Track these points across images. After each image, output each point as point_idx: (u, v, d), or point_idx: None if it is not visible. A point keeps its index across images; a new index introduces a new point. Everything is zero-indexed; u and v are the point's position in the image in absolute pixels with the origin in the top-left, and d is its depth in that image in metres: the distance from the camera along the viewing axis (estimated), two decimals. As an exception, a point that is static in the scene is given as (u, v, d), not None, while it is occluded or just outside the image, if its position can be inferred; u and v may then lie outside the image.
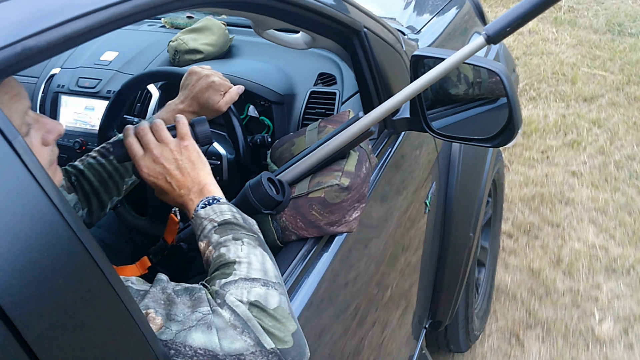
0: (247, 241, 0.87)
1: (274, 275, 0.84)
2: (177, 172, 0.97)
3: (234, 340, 0.74)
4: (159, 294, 0.78)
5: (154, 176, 0.98)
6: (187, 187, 0.96)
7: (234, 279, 0.80)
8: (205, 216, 0.92)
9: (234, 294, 0.78)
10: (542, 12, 0.99)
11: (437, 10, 2.32)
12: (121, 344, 0.63)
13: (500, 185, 2.41)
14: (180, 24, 2.07)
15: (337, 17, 1.24)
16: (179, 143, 1.00)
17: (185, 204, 0.97)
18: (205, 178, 0.98)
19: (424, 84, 1.09)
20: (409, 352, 1.73)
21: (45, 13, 0.63)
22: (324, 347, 1.05)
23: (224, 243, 0.87)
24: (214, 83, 1.27)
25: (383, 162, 1.38)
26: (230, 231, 0.89)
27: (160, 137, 1.00)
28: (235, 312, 0.76)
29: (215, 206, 0.93)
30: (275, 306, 0.79)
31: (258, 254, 0.86)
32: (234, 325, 0.75)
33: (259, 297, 0.78)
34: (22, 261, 0.53)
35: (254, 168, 1.49)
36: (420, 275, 1.67)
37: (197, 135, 1.08)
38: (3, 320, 0.51)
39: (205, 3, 1.00)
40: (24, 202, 0.55)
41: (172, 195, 0.98)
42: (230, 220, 0.90)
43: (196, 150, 1.01)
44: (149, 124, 1.02)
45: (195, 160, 0.99)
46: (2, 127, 0.55)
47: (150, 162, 0.98)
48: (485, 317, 2.41)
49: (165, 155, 0.98)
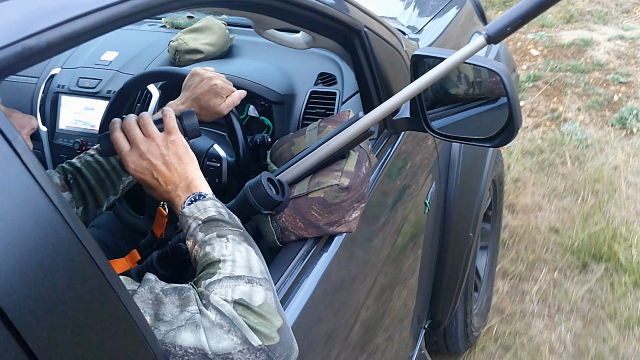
0: (232, 237, 0.87)
1: (259, 271, 0.84)
2: (163, 167, 0.96)
3: (220, 340, 0.75)
4: (147, 293, 0.78)
5: (140, 172, 0.97)
6: (174, 182, 0.96)
7: (218, 278, 0.80)
8: (190, 214, 0.91)
9: (218, 294, 0.78)
10: (542, 12, 0.99)
11: (437, 10, 2.32)
12: (121, 344, 0.63)
13: (500, 185, 2.41)
14: (180, 23, 2.07)
15: (338, 17, 1.24)
16: (166, 138, 0.98)
17: (173, 200, 0.96)
18: (192, 173, 0.97)
19: (424, 83, 1.09)
20: (408, 352, 1.73)
21: (45, 13, 0.63)
22: (324, 347, 1.05)
23: (209, 241, 0.86)
24: (216, 86, 1.27)
25: (383, 162, 1.38)
26: (215, 228, 0.88)
27: (147, 131, 0.98)
28: (220, 312, 0.76)
29: (200, 203, 0.92)
30: (261, 303, 0.79)
31: (243, 250, 0.85)
32: (220, 324, 0.75)
33: (244, 295, 0.78)
34: (22, 261, 0.53)
35: (254, 168, 1.49)
36: (419, 276, 1.67)
37: (185, 129, 1.06)
38: (3, 320, 0.51)
39: (205, 3, 1.00)
40: (24, 202, 0.55)
41: (159, 190, 0.97)
42: (215, 217, 0.90)
43: (184, 145, 0.99)
44: (135, 118, 1.00)
45: (182, 155, 0.98)
46: (2, 127, 0.55)
47: (137, 158, 0.97)
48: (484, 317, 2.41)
49: (152, 151, 0.97)
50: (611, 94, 4.15)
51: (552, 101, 4.11)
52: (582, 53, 4.77)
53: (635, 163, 3.41)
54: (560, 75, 4.40)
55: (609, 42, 4.95)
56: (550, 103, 4.09)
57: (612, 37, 5.01)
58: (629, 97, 4.15)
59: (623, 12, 5.59)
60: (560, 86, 4.27)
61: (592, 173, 3.28)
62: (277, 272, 1.01)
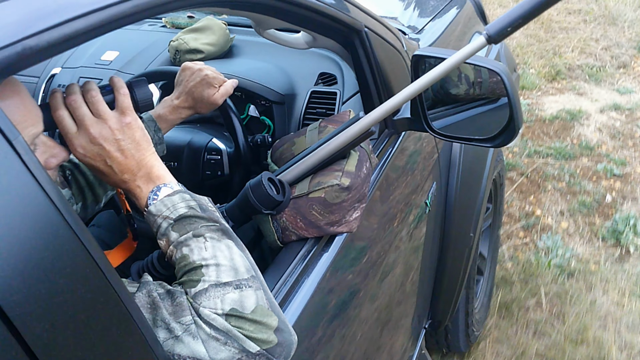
0: (210, 235, 0.80)
1: (245, 270, 0.79)
2: (118, 154, 0.84)
3: (218, 351, 0.73)
4: (145, 297, 0.76)
5: (91, 157, 0.85)
6: (131, 171, 0.85)
7: (204, 287, 0.76)
8: (157, 213, 0.83)
9: (207, 307, 0.75)
10: (542, 11, 0.99)
11: (438, 10, 2.32)
12: (121, 344, 0.63)
13: (501, 185, 2.41)
14: (181, 23, 2.07)
15: (338, 17, 1.24)
16: (120, 119, 0.85)
17: (132, 190, 0.86)
18: (150, 159, 0.87)
19: (424, 83, 1.09)
20: (409, 352, 1.73)
21: (45, 13, 0.63)
22: (323, 347, 1.05)
23: (185, 242, 0.80)
24: (207, 77, 1.28)
25: (383, 162, 1.38)
26: (189, 226, 0.81)
27: (97, 110, 0.84)
28: (213, 326, 0.74)
29: (167, 199, 0.83)
30: (253, 308, 0.76)
31: (224, 249, 0.80)
32: (215, 337, 0.74)
33: (234, 304, 0.75)
34: (22, 261, 0.53)
35: (255, 168, 1.49)
36: (420, 275, 1.67)
37: (137, 101, 0.91)
38: (3, 320, 0.51)
39: (205, 3, 1.00)
40: (24, 202, 0.55)
41: (113, 179, 0.86)
42: (187, 214, 0.82)
43: (140, 128, 0.87)
44: (80, 90, 0.86)
45: (139, 140, 0.86)
46: (2, 127, 0.55)
47: (86, 142, 0.84)
48: (485, 317, 2.41)
49: (105, 135, 0.84)
50: (602, 191, 3.22)
51: (528, 201, 3.18)
52: (567, 130, 3.78)
53: (632, 306, 2.51)
54: (540, 163, 3.44)
55: (601, 114, 3.96)
56: (526, 203, 3.16)
57: (606, 107, 4.01)
58: (624, 198, 3.19)
59: (619, 67, 4.52)
60: (539, 179, 3.32)
61: (575, 329, 2.39)
62: (278, 272, 1.01)
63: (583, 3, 5.47)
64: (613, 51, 4.68)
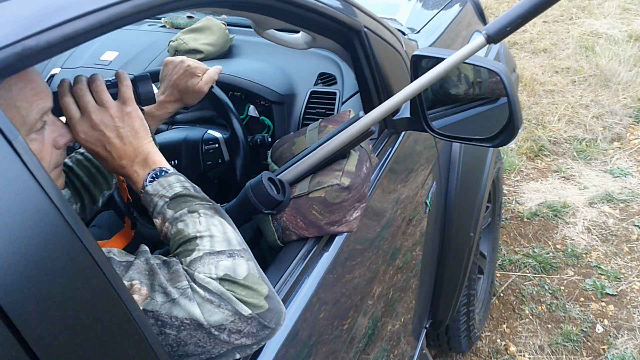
0: (203, 212, 0.85)
1: (237, 243, 0.83)
2: (117, 140, 0.91)
3: (212, 314, 0.76)
4: (143, 264, 0.79)
5: (91, 142, 0.91)
6: (129, 157, 0.91)
7: (198, 255, 0.80)
8: (154, 192, 0.88)
9: (202, 272, 0.78)
10: (542, 11, 0.99)
11: (437, 10, 2.32)
12: (122, 344, 0.63)
13: (500, 185, 2.41)
14: (180, 23, 2.07)
15: (338, 17, 1.24)
16: (121, 108, 0.92)
17: (130, 175, 0.92)
18: (147, 147, 0.92)
19: (424, 83, 1.09)
20: (410, 352, 1.73)
21: (45, 13, 0.63)
22: (324, 347, 1.05)
23: (180, 218, 0.85)
24: (190, 67, 1.29)
25: (383, 162, 1.38)
26: (184, 204, 0.86)
27: (101, 99, 0.91)
28: (208, 289, 0.77)
29: (163, 180, 0.89)
30: (245, 275, 0.79)
31: (217, 224, 0.85)
32: (210, 300, 0.77)
33: (228, 270, 0.79)
34: (22, 261, 0.53)
35: (255, 168, 1.50)
36: (420, 275, 1.67)
37: (139, 95, 0.99)
38: (3, 320, 0.51)
39: (205, 3, 1.00)
40: (24, 202, 0.55)
41: (111, 164, 0.92)
42: (182, 192, 0.88)
43: (140, 117, 0.93)
44: (86, 80, 0.94)
45: (138, 129, 0.92)
46: (2, 127, 0.55)
47: (88, 128, 0.90)
48: (485, 316, 2.41)
49: (105, 122, 0.90)
50: (592, 318, 2.50)
51: (499, 331, 2.49)
52: (550, 231, 3.00)
53: None
54: (516, 277, 2.73)
55: (590, 207, 3.14)
56: (497, 335, 2.47)
57: (596, 198, 3.19)
58: (618, 328, 2.45)
59: (612, 140, 3.71)
60: (515, 300, 2.62)
61: None
62: (278, 271, 1.01)
63: (572, 60, 4.64)
64: (605, 120, 3.88)
